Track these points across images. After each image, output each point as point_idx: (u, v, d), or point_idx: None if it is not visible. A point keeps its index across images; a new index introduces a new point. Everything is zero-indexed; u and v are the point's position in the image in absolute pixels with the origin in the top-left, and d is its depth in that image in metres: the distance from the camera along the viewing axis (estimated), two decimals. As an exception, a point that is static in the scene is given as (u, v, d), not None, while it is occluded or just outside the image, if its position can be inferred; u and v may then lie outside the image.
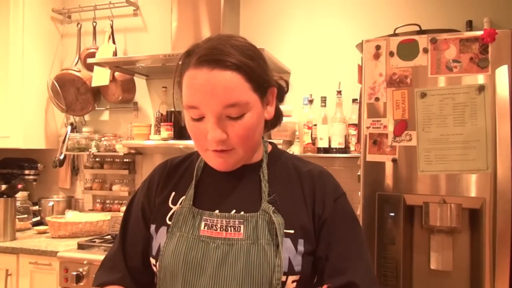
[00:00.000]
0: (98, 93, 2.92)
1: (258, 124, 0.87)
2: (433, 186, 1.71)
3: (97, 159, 2.94)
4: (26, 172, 3.03)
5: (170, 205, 0.94)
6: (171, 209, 0.93)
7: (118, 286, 0.94)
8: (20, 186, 2.48)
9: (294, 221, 0.87)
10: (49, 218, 2.56)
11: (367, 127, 1.80)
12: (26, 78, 2.80)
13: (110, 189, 2.92)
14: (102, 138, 2.84)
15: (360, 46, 1.86)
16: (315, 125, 2.42)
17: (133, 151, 2.82)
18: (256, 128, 0.86)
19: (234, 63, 0.80)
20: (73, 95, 2.88)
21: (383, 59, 1.78)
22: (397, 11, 2.42)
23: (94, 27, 2.96)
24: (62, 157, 2.89)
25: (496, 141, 1.62)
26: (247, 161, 0.93)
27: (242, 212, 0.88)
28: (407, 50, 1.75)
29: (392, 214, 1.74)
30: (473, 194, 1.66)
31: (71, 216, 2.63)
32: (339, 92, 2.39)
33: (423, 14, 2.36)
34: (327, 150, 2.37)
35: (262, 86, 0.86)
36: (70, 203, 2.98)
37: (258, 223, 0.85)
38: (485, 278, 1.63)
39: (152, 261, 0.93)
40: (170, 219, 0.92)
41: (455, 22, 2.24)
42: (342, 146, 2.35)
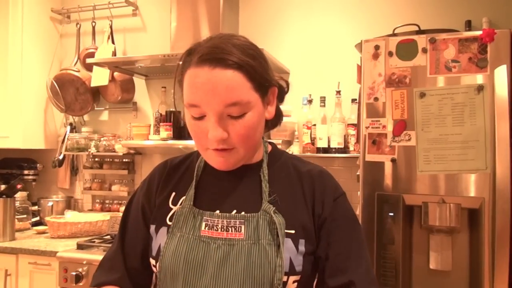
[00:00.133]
0: (97, 93, 2.92)
1: (259, 123, 0.87)
2: (432, 186, 1.71)
3: (96, 159, 2.94)
4: (26, 172, 3.03)
5: (170, 205, 0.94)
6: (171, 209, 0.93)
7: (115, 286, 0.94)
8: (19, 186, 2.48)
9: (294, 221, 0.87)
10: (48, 218, 2.56)
11: (366, 127, 1.80)
12: (25, 78, 2.80)
13: (110, 189, 2.92)
14: (102, 138, 2.84)
15: (359, 46, 1.87)
16: (314, 125, 2.42)
17: (132, 151, 2.83)
18: (257, 127, 0.86)
19: (235, 62, 0.80)
20: (72, 95, 2.88)
21: (382, 59, 1.78)
22: (396, 11, 2.42)
23: (93, 27, 2.96)
24: (61, 157, 2.89)
25: (495, 141, 1.62)
26: (248, 161, 0.93)
27: (242, 212, 0.88)
28: (406, 50, 1.75)
29: (391, 214, 1.74)
30: (472, 194, 1.67)
31: (71, 216, 2.63)
32: (338, 92, 2.39)
33: (422, 14, 2.36)
34: (326, 150, 2.37)
35: (263, 85, 0.86)
36: (70, 203, 2.98)
37: (259, 223, 0.85)
38: (484, 277, 1.63)
39: (152, 261, 0.92)
40: (170, 220, 0.91)
41: (454, 22, 2.24)
42: (341, 146, 2.35)
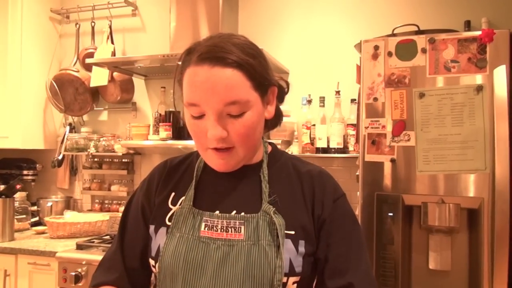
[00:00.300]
0: (96, 93, 2.91)
1: (258, 123, 0.87)
2: (431, 186, 1.71)
3: (95, 159, 2.93)
4: (25, 172, 3.02)
5: (170, 205, 0.94)
6: (171, 209, 0.93)
7: (113, 287, 0.94)
8: (18, 186, 2.48)
9: (294, 222, 0.87)
10: (47, 219, 2.56)
11: (366, 127, 1.80)
12: (25, 78, 2.80)
13: (109, 189, 2.92)
14: (101, 138, 2.83)
15: (358, 46, 1.87)
16: (314, 125, 2.42)
17: (131, 151, 2.82)
18: (256, 126, 0.86)
19: (235, 61, 0.80)
20: (71, 95, 2.88)
21: (382, 59, 1.78)
22: (395, 11, 2.42)
23: (93, 27, 2.95)
24: (60, 157, 2.89)
25: (494, 141, 1.62)
26: (248, 161, 0.93)
27: (242, 213, 0.88)
28: (406, 50, 1.75)
29: (390, 214, 1.74)
30: (471, 194, 1.67)
31: (70, 216, 2.62)
32: (338, 92, 2.39)
33: (422, 14, 2.36)
34: (326, 150, 2.37)
35: (262, 84, 0.86)
36: (69, 204, 2.97)
37: (259, 224, 0.85)
38: (483, 277, 1.63)
39: (151, 262, 0.92)
40: (169, 220, 0.91)
41: (453, 22, 2.24)
42: (341, 146, 2.35)
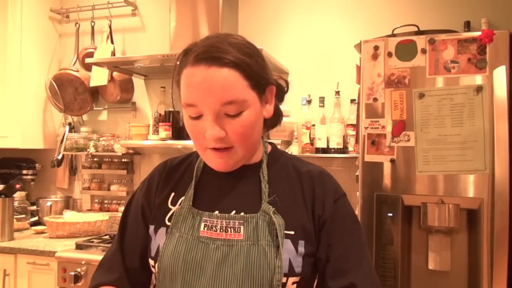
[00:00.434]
0: (96, 93, 2.91)
1: (256, 122, 0.86)
2: (431, 186, 1.71)
3: (95, 159, 2.93)
4: (24, 172, 3.02)
5: (170, 205, 0.94)
6: (171, 209, 0.93)
7: (113, 287, 0.94)
8: (18, 186, 2.48)
9: (294, 222, 0.87)
10: (47, 218, 2.56)
11: (365, 128, 1.80)
12: (24, 78, 2.80)
13: (108, 189, 2.91)
14: (100, 138, 2.83)
15: (358, 47, 1.87)
16: (314, 125, 2.42)
17: (131, 151, 2.82)
18: (254, 126, 0.86)
19: (231, 61, 0.80)
20: (71, 95, 2.88)
21: (382, 60, 1.78)
22: (395, 12, 2.42)
23: (92, 27, 2.95)
24: (60, 157, 2.89)
25: (494, 141, 1.62)
26: (247, 161, 0.93)
27: (242, 213, 0.88)
28: (405, 50, 1.75)
29: (390, 214, 1.74)
30: (471, 194, 1.67)
31: (69, 216, 2.62)
32: (338, 92, 2.39)
33: (421, 14, 2.36)
34: (326, 150, 2.37)
35: (260, 83, 0.86)
36: (68, 203, 2.97)
37: (258, 224, 0.85)
38: (483, 278, 1.63)
39: (151, 262, 0.92)
40: (169, 220, 0.91)
41: (453, 22, 2.24)
42: (341, 147, 2.35)
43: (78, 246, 2.23)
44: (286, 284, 0.83)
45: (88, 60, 2.62)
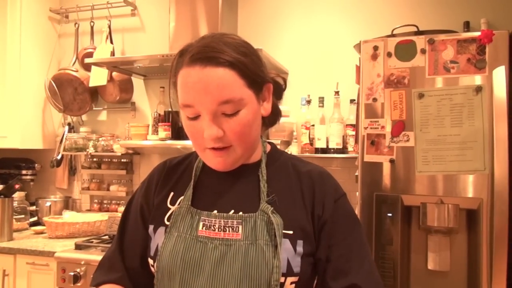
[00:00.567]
0: (95, 93, 2.91)
1: (254, 120, 0.86)
2: (430, 186, 1.71)
3: (94, 159, 2.93)
4: (24, 172, 3.02)
5: (169, 205, 0.94)
6: (170, 209, 0.93)
7: (116, 285, 0.94)
8: (17, 186, 2.48)
9: (293, 222, 0.87)
10: (46, 219, 2.56)
11: (365, 128, 1.80)
12: (24, 78, 2.80)
13: (108, 189, 2.91)
14: (100, 138, 2.83)
15: (358, 47, 1.87)
16: (313, 125, 2.42)
17: (130, 151, 2.82)
18: (252, 124, 0.86)
19: (226, 60, 0.80)
20: (70, 95, 2.87)
21: (381, 60, 1.78)
22: (395, 12, 2.43)
23: (92, 27, 2.95)
24: (59, 157, 2.89)
25: (493, 141, 1.62)
26: (246, 161, 0.93)
27: (240, 212, 0.87)
28: (405, 51, 1.75)
29: (389, 214, 1.74)
30: (470, 194, 1.67)
31: (69, 216, 2.62)
32: (337, 92, 2.39)
33: (421, 15, 2.36)
34: (325, 150, 2.37)
35: (256, 82, 0.86)
36: (68, 203, 2.97)
37: (257, 224, 0.85)
38: (482, 278, 1.63)
39: (150, 261, 0.92)
40: (168, 220, 0.91)
41: (453, 23, 2.24)
42: (340, 147, 2.35)
43: (78, 246, 2.23)
44: (284, 284, 0.83)
45: (87, 60, 2.62)
